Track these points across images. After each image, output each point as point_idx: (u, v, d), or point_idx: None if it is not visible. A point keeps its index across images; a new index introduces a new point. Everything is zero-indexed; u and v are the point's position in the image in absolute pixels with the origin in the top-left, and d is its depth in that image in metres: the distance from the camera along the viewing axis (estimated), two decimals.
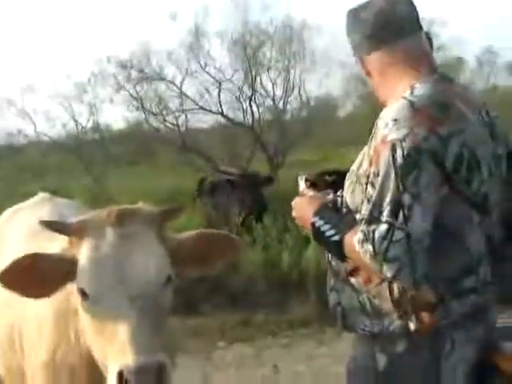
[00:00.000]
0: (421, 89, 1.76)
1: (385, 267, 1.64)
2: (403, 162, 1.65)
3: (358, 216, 1.76)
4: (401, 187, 1.65)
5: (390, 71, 1.85)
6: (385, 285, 1.75)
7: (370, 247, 1.64)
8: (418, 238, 1.63)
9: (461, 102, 1.77)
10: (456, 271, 1.75)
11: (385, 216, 1.65)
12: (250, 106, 9.85)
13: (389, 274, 1.65)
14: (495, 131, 1.85)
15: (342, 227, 1.78)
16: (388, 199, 1.65)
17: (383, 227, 1.64)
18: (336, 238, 1.77)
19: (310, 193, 2.01)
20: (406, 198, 1.64)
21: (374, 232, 1.65)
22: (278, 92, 10.10)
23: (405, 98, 1.74)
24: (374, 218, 1.66)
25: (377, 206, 1.67)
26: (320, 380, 4.32)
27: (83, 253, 1.76)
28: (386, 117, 1.73)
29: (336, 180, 2.02)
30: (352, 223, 1.77)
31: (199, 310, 5.47)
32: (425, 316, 1.73)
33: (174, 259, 1.83)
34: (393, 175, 1.66)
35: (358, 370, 1.88)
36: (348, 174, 1.89)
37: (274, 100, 10.11)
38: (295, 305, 5.52)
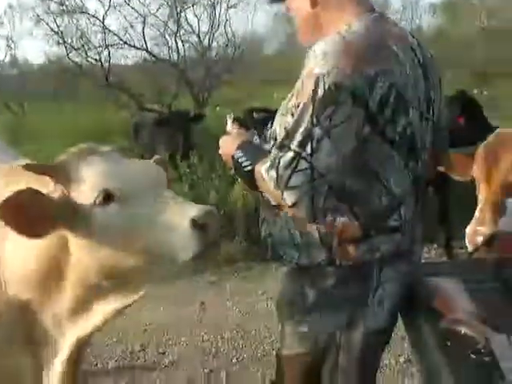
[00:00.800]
0: (357, 26, 1.74)
1: (285, 194, 1.67)
2: (322, 96, 1.65)
3: None
4: (315, 120, 1.65)
5: (331, 5, 1.82)
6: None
7: (274, 173, 1.67)
8: (322, 171, 1.65)
9: (395, 43, 1.76)
10: (379, 209, 1.77)
11: (293, 145, 1.67)
12: (176, 42, 9.69)
13: (289, 202, 1.67)
14: (429, 73, 1.86)
15: (258, 158, 1.78)
16: (301, 130, 1.67)
17: (289, 155, 1.66)
18: (249, 167, 1.78)
19: (235, 130, 2.01)
20: (317, 132, 1.65)
21: (280, 159, 1.67)
22: (204, 28, 9.96)
23: (339, 33, 1.72)
24: (283, 146, 1.69)
25: (289, 135, 1.69)
26: (247, 317, 4.38)
27: (92, 161, 1.74)
28: (317, 49, 1.72)
29: (264, 117, 2.01)
30: (262, 153, 1.80)
31: None
32: (350, 249, 1.77)
33: None
34: (310, 108, 1.66)
35: (287, 304, 1.91)
36: (279, 108, 1.89)
37: (199, 36, 9.97)
38: (222, 242, 5.53)
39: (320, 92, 1.65)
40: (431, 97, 1.87)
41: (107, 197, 1.67)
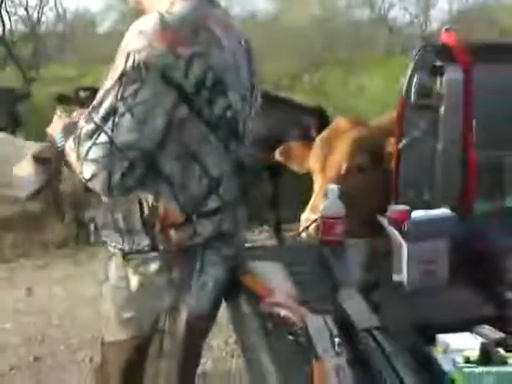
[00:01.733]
0: (178, 7, 1.73)
1: (84, 167, 1.66)
2: (130, 72, 1.65)
3: None
4: (119, 95, 1.65)
5: None
6: (135, 203, 1.76)
7: (75, 145, 1.67)
8: (121, 147, 1.65)
9: (218, 27, 1.76)
10: (198, 191, 1.78)
11: (97, 118, 1.66)
12: (0, 15, 9.21)
13: (86, 175, 1.67)
14: (252, 60, 1.90)
15: (70, 135, 1.76)
16: (106, 104, 1.66)
17: (91, 127, 1.66)
18: (61, 145, 1.76)
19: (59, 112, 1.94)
20: (121, 107, 1.65)
21: (81, 130, 1.67)
22: (32, 2, 9.55)
23: (159, 12, 1.71)
24: (90, 118, 1.68)
25: (95, 108, 1.68)
26: (75, 301, 4.29)
27: None
28: (133, 27, 1.70)
29: (91, 96, 1.96)
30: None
31: None
32: (172, 234, 1.77)
33: None
34: (117, 83, 1.65)
35: (111, 291, 1.88)
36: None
37: (27, 10, 9.55)
38: (50, 225, 5.38)
39: (128, 68, 1.65)
40: (254, 83, 1.91)
41: None
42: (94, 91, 1.98)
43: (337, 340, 1.42)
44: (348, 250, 2.12)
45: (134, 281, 1.81)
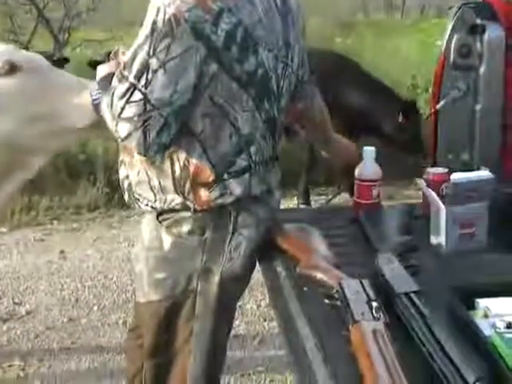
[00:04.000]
0: None
1: (119, 126, 1.64)
2: (160, 27, 1.62)
3: None
4: (151, 51, 1.62)
5: None
6: (167, 162, 1.74)
7: (109, 102, 1.64)
8: (156, 103, 1.62)
9: None
10: (229, 150, 1.75)
11: (130, 76, 1.63)
12: None
13: (121, 134, 1.64)
14: (290, 19, 1.85)
15: (105, 90, 1.73)
16: (138, 60, 1.63)
17: (124, 86, 1.63)
18: (96, 97, 1.77)
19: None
20: (154, 63, 1.62)
21: (115, 89, 1.64)
22: None
23: None
24: (122, 77, 1.65)
25: (128, 65, 1.65)
26: (109, 263, 4.32)
27: None
28: None
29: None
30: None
31: None
32: (202, 193, 1.75)
33: None
34: (148, 38, 1.63)
35: (144, 251, 1.87)
36: None
37: None
38: (82, 189, 5.41)
39: (159, 23, 1.62)
40: (290, 43, 1.86)
41: (12, 68, 1.79)
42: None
43: (374, 304, 1.39)
44: (384, 213, 2.08)
45: (167, 241, 1.80)
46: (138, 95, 1.62)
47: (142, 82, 1.62)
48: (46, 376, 3.11)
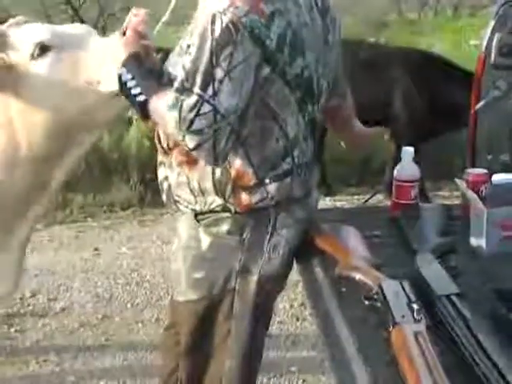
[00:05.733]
0: None
1: (187, 138, 1.62)
2: (220, 35, 1.60)
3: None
4: (214, 61, 1.60)
5: None
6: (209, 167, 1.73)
7: (176, 115, 1.61)
8: (225, 113, 1.61)
9: None
10: (274, 153, 1.75)
11: (196, 88, 1.61)
12: None
13: (190, 146, 1.63)
14: (327, 18, 1.85)
15: (149, 88, 1.71)
16: (201, 71, 1.61)
17: (193, 99, 1.61)
18: (141, 98, 1.69)
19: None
20: (218, 72, 1.60)
21: (182, 102, 1.61)
22: None
23: None
24: (185, 88, 1.63)
25: (190, 77, 1.63)
26: (142, 261, 4.34)
27: (27, 27, 1.85)
28: None
29: (162, 57, 1.92)
30: (158, 87, 1.72)
31: None
32: (243, 197, 1.75)
33: None
34: (208, 47, 1.61)
35: (182, 251, 1.87)
36: (176, 48, 1.83)
37: None
38: (116, 187, 5.44)
39: (217, 31, 1.60)
40: (329, 42, 1.86)
41: (43, 49, 1.77)
42: (164, 52, 1.94)
43: (415, 306, 1.38)
44: (422, 214, 2.06)
45: (205, 241, 1.80)
46: (207, 107, 1.60)
47: (209, 92, 1.60)
48: (80, 372, 3.13)
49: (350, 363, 1.35)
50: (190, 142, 1.62)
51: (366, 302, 1.50)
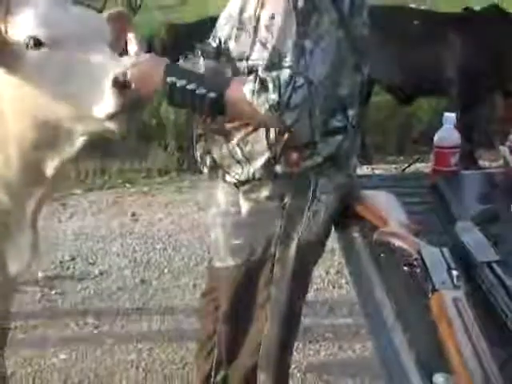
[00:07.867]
0: None
1: (286, 115, 1.59)
2: (304, 4, 1.58)
3: (244, 64, 1.68)
4: (302, 32, 1.58)
5: None
6: (263, 129, 1.71)
7: (271, 96, 1.57)
8: (318, 83, 1.59)
9: None
10: (328, 113, 1.73)
11: (287, 62, 1.58)
12: None
13: (288, 122, 1.60)
14: None
15: (217, 83, 1.66)
16: (289, 44, 1.59)
17: (286, 73, 1.57)
18: (212, 95, 1.62)
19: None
20: (308, 43, 1.58)
21: (278, 78, 1.57)
22: None
23: None
24: (274, 64, 1.60)
25: (276, 52, 1.60)
26: (179, 227, 4.36)
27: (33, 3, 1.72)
28: None
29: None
30: (223, 76, 1.69)
31: None
32: (293, 156, 1.73)
33: None
34: (293, 19, 1.58)
35: (221, 216, 1.87)
36: (224, 20, 1.80)
37: None
38: (153, 153, 5.46)
39: (300, 2, 1.58)
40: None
41: (37, 42, 1.69)
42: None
43: (455, 273, 1.37)
44: (463, 181, 2.04)
45: (245, 207, 1.80)
46: (301, 80, 1.58)
47: (302, 65, 1.58)
48: (118, 335, 3.17)
49: (388, 330, 1.36)
50: (288, 118, 1.60)
51: (406, 269, 1.50)
